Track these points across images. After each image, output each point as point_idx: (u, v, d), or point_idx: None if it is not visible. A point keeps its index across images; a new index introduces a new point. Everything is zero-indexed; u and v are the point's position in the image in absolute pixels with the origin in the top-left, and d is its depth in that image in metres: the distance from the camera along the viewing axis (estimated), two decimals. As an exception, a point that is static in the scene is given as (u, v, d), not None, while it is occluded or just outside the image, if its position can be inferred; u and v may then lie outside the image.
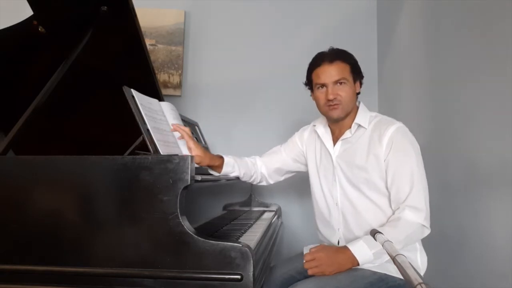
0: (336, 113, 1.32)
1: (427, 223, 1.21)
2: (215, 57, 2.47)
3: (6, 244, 0.98)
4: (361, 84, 1.39)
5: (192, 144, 1.27)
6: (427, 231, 1.22)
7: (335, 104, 1.30)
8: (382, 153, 1.27)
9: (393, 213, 1.25)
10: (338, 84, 1.30)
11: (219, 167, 1.35)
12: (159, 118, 1.24)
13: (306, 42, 2.39)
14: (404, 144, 1.26)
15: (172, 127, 1.29)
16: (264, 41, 2.47)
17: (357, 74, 1.35)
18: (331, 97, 1.29)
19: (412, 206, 1.20)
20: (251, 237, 1.26)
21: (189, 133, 1.30)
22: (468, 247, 1.40)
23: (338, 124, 1.39)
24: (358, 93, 1.39)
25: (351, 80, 1.33)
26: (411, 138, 1.29)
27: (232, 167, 1.38)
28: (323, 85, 1.32)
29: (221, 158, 1.36)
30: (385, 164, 1.26)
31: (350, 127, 1.35)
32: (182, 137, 1.30)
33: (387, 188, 1.27)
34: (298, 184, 2.20)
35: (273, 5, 2.49)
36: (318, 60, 1.34)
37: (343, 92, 1.30)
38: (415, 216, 1.19)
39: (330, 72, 1.30)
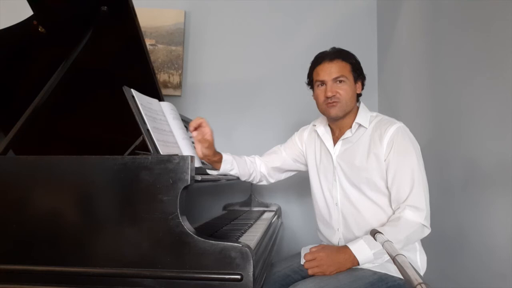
0: (334, 111, 1.32)
1: (427, 223, 1.21)
2: (215, 57, 2.47)
3: (6, 244, 0.98)
4: (363, 85, 1.39)
5: (209, 130, 1.27)
6: (427, 231, 1.23)
7: (333, 102, 1.31)
8: (382, 153, 1.27)
9: (393, 213, 1.25)
10: (338, 82, 1.31)
11: (218, 162, 1.35)
12: (159, 118, 1.24)
13: (306, 42, 2.39)
14: (405, 144, 1.26)
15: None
16: (264, 41, 2.47)
17: (358, 74, 1.36)
18: (329, 94, 1.31)
19: (413, 205, 1.20)
20: (251, 237, 1.26)
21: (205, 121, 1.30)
22: (468, 247, 1.40)
23: (338, 124, 1.39)
24: (360, 95, 1.39)
25: (351, 79, 1.33)
26: (411, 138, 1.29)
27: (230, 165, 1.38)
28: (322, 83, 1.34)
29: (220, 155, 1.37)
30: (386, 164, 1.26)
31: (350, 127, 1.35)
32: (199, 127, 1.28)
33: (387, 188, 1.27)
34: (298, 184, 2.20)
35: (273, 5, 2.49)
36: (319, 59, 1.36)
37: (342, 91, 1.31)
38: (416, 216, 1.19)
39: (329, 70, 1.32)
